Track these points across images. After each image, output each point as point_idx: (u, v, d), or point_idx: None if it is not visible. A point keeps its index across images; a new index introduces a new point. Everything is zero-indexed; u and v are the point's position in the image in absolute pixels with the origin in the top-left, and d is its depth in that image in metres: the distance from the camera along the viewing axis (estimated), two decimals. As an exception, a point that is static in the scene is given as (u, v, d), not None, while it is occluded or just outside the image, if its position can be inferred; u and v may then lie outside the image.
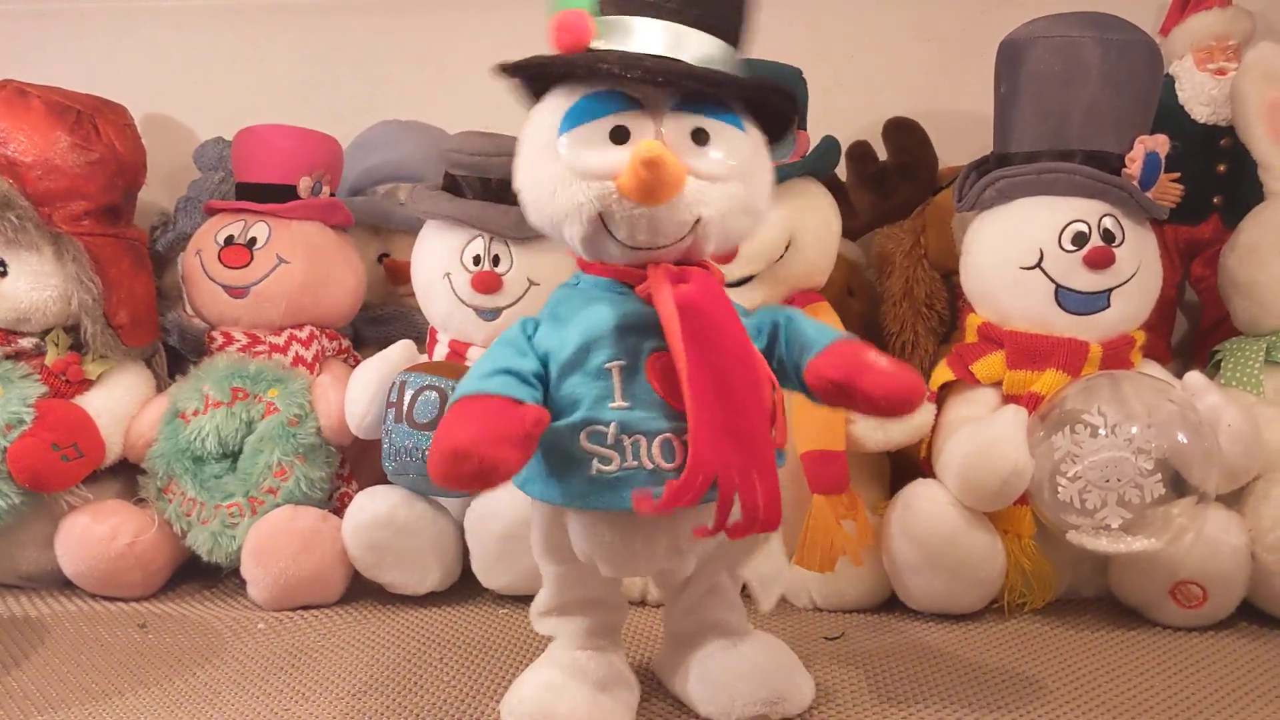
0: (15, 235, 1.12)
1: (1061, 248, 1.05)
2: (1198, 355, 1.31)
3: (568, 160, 0.72)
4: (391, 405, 1.07)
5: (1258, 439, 1.01)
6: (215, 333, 1.24)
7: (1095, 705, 0.86)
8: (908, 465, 1.14)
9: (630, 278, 0.75)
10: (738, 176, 0.73)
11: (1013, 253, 1.07)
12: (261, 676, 0.93)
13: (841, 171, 1.31)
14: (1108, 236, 1.05)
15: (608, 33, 0.72)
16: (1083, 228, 1.04)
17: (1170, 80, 1.28)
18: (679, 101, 0.72)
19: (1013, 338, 1.07)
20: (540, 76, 0.76)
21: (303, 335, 1.24)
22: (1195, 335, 1.39)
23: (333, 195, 1.32)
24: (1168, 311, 1.31)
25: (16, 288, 1.14)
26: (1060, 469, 0.95)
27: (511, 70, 0.74)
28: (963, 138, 1.28)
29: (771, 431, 0.73)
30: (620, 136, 0.72)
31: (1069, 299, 1.05)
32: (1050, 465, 0.96)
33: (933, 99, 1.43)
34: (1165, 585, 1.01)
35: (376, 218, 1.44)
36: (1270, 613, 1.03)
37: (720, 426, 0.70)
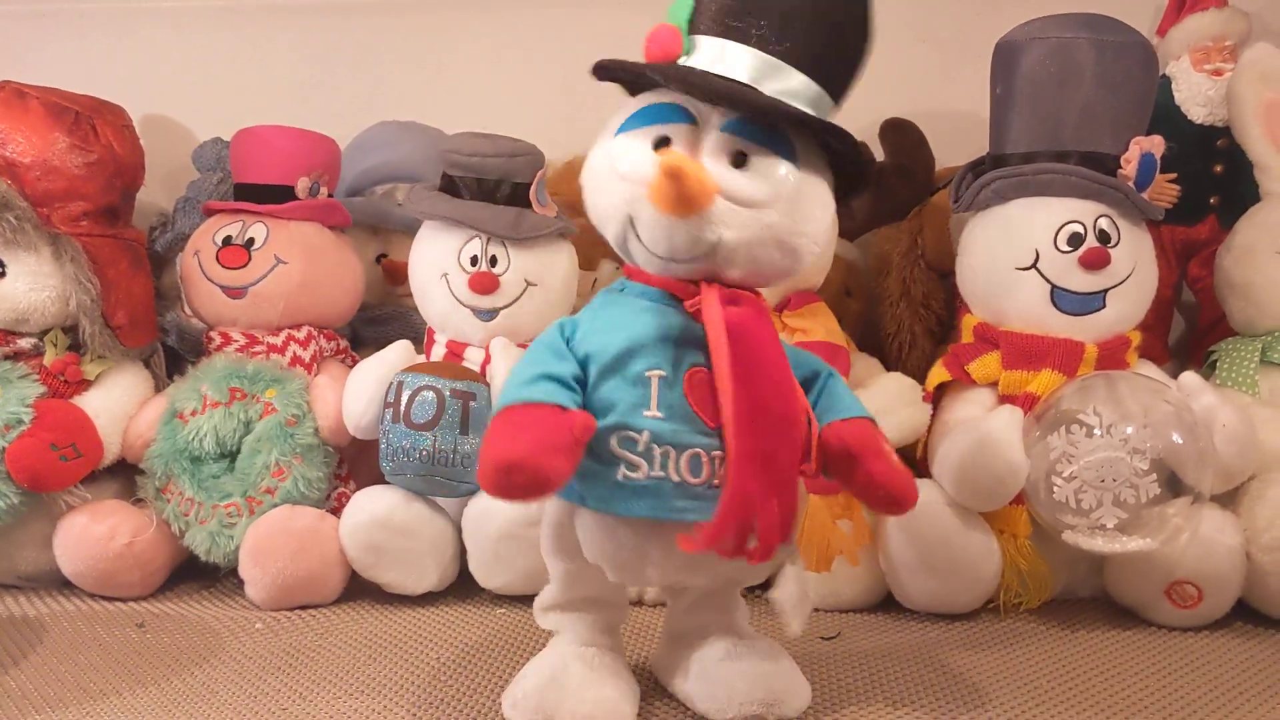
0: (14, 236, 1.12)
1: (1057, 248, 1.05)
2: (1194, 356, 1.31)
3: (614, 160, 0.74)
4: (389, 405, 1.07)
5: (1253, 439, 1.02)
6: (213, 333, 1.24)
7: (1091, 705, 0.87)
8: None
9: (680, 291, 0.75)
10: (774, 207, 0.72)
11: (1008, 253, 1.07)
12: (259, 676, 0.93)
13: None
14: (1103, 237, 1.05)
15: (697, 50, 0.73)
16: (1078, 228, 1.05)
17: (1167, 81, 1.28)
18: (730, 123, 0.72)
19: (1008, 338, 1.08)
20: (629, 81, 0.78)
21: (300, 336, 1.24)
22: (1192, 336, 1.39)
23: (331, 196, 1.31)
24: (1164, 312, 1.31)
25: (15, 288, 1.14)
26: (1056, 469, 0.95)
27: (598, 71, 0.76)
28: (959, 138, 1.29)
29: (805, 463, 0.74)
30: (662, 145, 0.73)
31: (1064, 299, 1.05)
32: (1046, 465, 0.96)
33: (929, 100, 1.43)
34: (1161, 585, 1.01)
35: (375, 218, 1.44)
36: (1265, 612, 1.03)
37: (750, 452, 0.70)
